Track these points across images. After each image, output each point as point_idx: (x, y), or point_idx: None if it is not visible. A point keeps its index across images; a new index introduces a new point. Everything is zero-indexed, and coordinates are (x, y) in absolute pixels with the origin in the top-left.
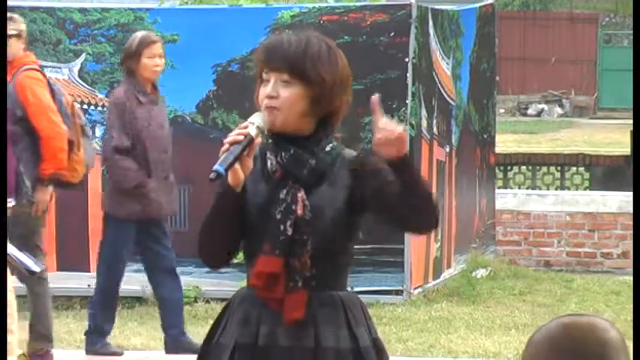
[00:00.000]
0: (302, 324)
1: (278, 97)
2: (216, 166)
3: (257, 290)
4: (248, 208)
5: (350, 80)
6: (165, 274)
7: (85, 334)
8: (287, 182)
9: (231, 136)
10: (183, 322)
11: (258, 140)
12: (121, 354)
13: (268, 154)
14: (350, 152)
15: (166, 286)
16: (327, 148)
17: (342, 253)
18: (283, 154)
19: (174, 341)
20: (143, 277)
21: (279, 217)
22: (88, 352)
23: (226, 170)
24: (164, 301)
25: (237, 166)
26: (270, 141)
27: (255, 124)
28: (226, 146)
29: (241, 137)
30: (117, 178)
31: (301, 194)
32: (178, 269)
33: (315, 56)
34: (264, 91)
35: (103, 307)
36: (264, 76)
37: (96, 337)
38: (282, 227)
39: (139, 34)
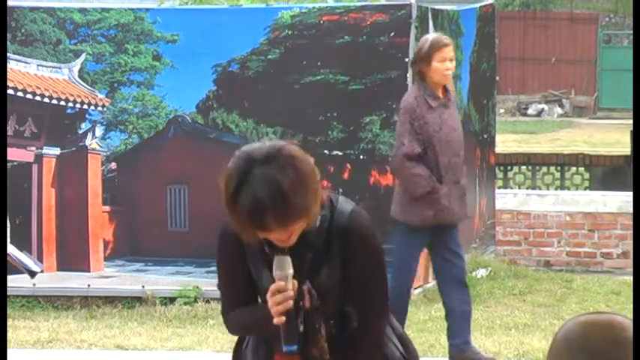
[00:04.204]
0: None
1: (293, 237)
2: (287, 348)
3: None
4: (260, 291)
5: (316, 174)
6: (455, 284)
7: None
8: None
9: (281, 306)
10: (469, 333)
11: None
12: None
13: (265, 244)
14: (341, 215)
15: (455, 297)
16: (317, 224)
17: (353, 316)
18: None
19: (459, 350)
20: (143, 277)
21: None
22: None
23: (298, 342)
24: (451, 311)
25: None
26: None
27: (287, 276)
28: (283, 318)
29: (291, 304)
30: (408, 186)
31: (306, 286)
32: (178, 269)
33: (291, 195)
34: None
35: (396, 310)
36: (262, 234)
37: None
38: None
39: (430, 37)
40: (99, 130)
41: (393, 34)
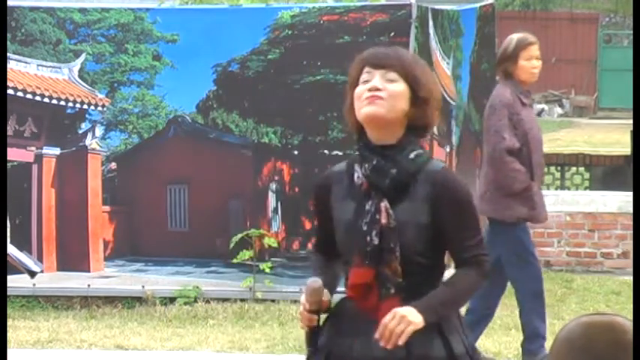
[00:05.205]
0: None
1: (383, 89)
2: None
3: (354, 300)
4: (338, 225)
5: (439, 92)
6: (497, 292)
7: (522, 345)
8: (371, 193)
9: (305, 320)
10: (477, 337)
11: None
12: None
13: (356, 167)
14: (436, 164)
15: (488, 305)
16: (412, 156)
17: (431, 265)
18: (367, 165)
19: None
20: (143, 277)
21: (365, 228)
22: None
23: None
24: (472, 312)
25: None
26: (356, 153)
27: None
28: (315, 319)
29: (315, 321)
30: (506, 180)
31: (384, 203)
32: (178, 269)
33: (421, 64)
34: (364, 87)
35: (537, 312)
36: (365, 76)
37: (537, 343)
38: (368, 238)
39: (515, 37)
40: (99, 130)
41: (393, 34)
